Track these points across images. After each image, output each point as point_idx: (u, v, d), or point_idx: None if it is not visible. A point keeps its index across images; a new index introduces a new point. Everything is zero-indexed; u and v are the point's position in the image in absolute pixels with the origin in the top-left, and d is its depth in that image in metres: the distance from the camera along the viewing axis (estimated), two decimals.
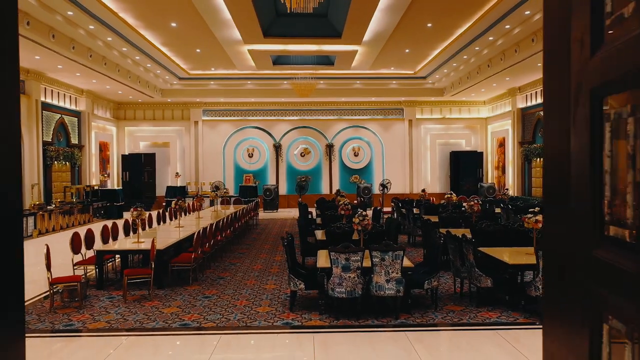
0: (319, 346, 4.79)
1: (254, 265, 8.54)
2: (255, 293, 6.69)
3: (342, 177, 19.30)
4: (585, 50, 0.97)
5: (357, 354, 4.56)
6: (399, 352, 4.60)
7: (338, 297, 5.52)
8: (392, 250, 5.51)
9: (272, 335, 5.12)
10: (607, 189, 0.92)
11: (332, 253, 5.50)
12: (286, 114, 19.16)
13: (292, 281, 5.88)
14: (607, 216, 0.93)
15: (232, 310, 5.91)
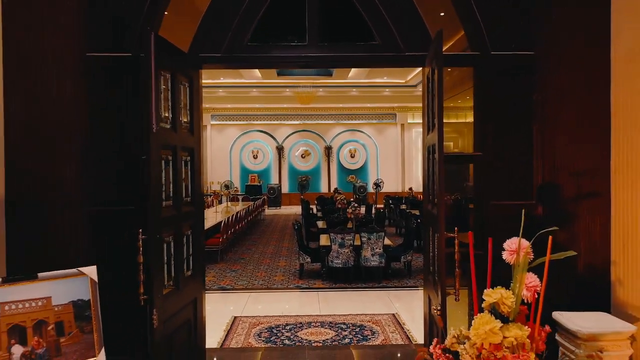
0: (321, 300, 6.79)
1: (267, 250, 10.56)
2: (270, 268, 8.71)
3: (340, 176, 21.27)
4: None
5: (350, 306, 6.53)
6: (381, 305, 6.58)
7: (336, 267, 7.53)
8: (376, 232, 7.53)
9: (287, 293, 7.13)
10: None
11: (331, 234, 7.52)
12: (288, 118, 21.11)
13: (300, 256, 7.90)
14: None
15: (255, 278, 7.92)
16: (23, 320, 1.92)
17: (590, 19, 3.38)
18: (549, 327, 2.23)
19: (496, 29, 3.48)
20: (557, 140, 3.44)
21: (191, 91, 3.20)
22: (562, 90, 3.42)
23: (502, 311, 2.14)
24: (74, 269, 2.10)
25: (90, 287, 2.10)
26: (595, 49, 3.37)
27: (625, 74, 3.25)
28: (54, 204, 3.29)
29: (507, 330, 2.08)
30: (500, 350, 2.04)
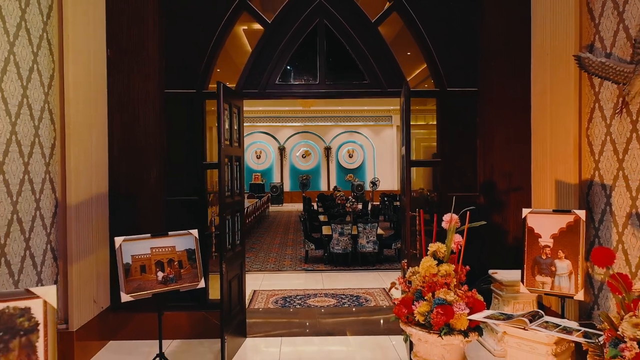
0: (324, 279, 8.31)
1: (274, 241, 12.09)
2: (279, 255, 10.24)
3: (339, 175, 22.81)
4: None
5: (348, 282, 8.07)
6: (374, 282, 8.10)
7: (336, 253, 9.05)
8: (371, 222, 9.07)
9: (295, 274, 8.65)
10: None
11: (332, 225, 9.05)
12: (289, 120, 22.64)
13: (306, 244, 9.44)
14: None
15: (266, 263, 9.45)
16: (162, 258, 3.44)
17: (517, 66, 4.91)
18: (469, 267, 3.76)
19: (451, 72, 5.02)
20: (494, 150, 4.98)
21: (239, 117, 4.72)
22: (496, 115, 4.97)
23: (439, 256, 3.68)
24: (185, 230, 3.62)
25: (195, 241, 3.62)
26: (520, 86, 4.90)
27: (539, 103, 4.79)
28: (141, 196, 4.82)
29: (441, 266, 3.62)
30: (436, 277, 3.57)
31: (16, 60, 3.58)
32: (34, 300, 1.55)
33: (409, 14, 4.93)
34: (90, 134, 4.44)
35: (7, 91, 3.46)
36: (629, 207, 3.77)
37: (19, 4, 3.61)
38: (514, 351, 3.22)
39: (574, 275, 3.45)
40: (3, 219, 3.41)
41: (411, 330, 3.56)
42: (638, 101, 3.65)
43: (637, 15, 3.66)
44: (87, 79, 4.39)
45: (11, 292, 1.55)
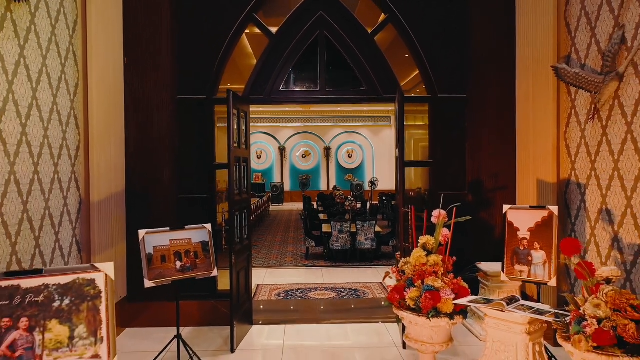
0: (325, 274, 8.73)
1: (275, 239, 12.51)
2: (281, 252, 10.66)
3: (338, 175, 23.23)
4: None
5: (347, 277, 8.49)
6: (371, 277, 8.52)
7: (336, 250, 9.47)
8: (369, 220, 9.50)
9: (296, 269, 9.07)
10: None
11: (332, 223, 9.47)
12: (290, 121, 23.05)
13: (306, 241, 9.86)
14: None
15: (269, 259, 9.86)
16: (179, 249, 3.86)
17: (503, 74, 5.34)
18: (455, 258, 4.18)
19: (442, 80, 5.45)
20: (481, 152, 5.41)
21: (246, 121, 5.14)
22: (484, 119, 5.39)
23: (428, 248, 4.10)
24: (200, 224, 4.04)
25: (209, 234, 4.04)
26: (506, 93, 5.32)
27: (523, 109, 5.22)
28: (155, 194, 5.24)
29: (430, 257, 4.05)
30: (425, 266, 3.99)
31: (48, 71, 4.00)
32: (97, 273, 1.98)
33: (403, 26, 5.36)
34: (110, 137, 4.86)
35: (40, 99, 3.89)
36: (599, 203, 4.20)
37: (50, 21, 4.03)
38: (493, 331, 3.64)
39: (547, 264, 3.88)
40: (37, 214, 3.83)
41: (403, 314, 3.99)
42: (607, 108, 4.08)
43: (607, 31, 4.09)
44: (107, 86, 4.81)
45: (80, 267, 1.97)
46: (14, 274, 1.87)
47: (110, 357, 1.94)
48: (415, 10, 5.42)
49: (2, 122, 3.41)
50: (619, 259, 3.96)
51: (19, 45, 3.61)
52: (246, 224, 5.10)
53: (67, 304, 1.91)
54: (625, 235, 3.89)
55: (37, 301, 1.86)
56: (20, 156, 3.62)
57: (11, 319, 1.82)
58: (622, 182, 3.90)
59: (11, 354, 1.80)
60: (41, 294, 1.88)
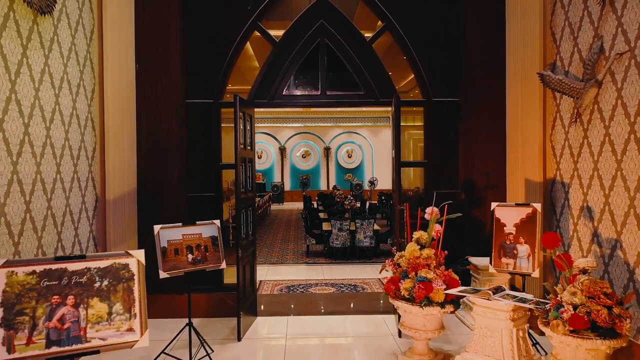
0: (325, 271, 9.06)
1: (276, 237, 12.84)
2: (282, 250, 10.99)
3: (338, 175, 23.56)
4: None
5: (347, 274, 8.82)
6: (370, 273, 8.83)
7: (336, 247, 9.81)
8: (367, 219, 9.83)
9: (297, 266, 9.40)
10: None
11: (332, 221, 9.80)
12: (290, 121, 23.38)
13: (307, 239, 10.19)
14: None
15: (270, 257, 10.19)
16: (191, 243, 4.19)
17: (494, 79, 5.66)
18: (447, 252, 4.51)
19: (436, 84, 5.78)
20: (473, 153, 5.74)
21: (251, 124, 5.47)
22: (476, 122, 5.72)
23: (421, 242, 4.43)
24: (210, 220, 4.37)
25: (217, 230, 4.37)
26: (497, 97, 5.64)
27: (512, 112, 5.54)
28: (165, 193, 5.57)
29: (423, 251, 4.38)
30: (418, 259, 4.32)
31: (68, 78, 4.33)
32: (131, 259, 2.31)
33: (399, 33, 5.69)
34: (123, 139, 5.18)
35: (62, 104, 4.22)
36: (581, 201, 4.53)
37: (70, 31, 4.36)
38: (480, 318, 3.97)
39: (531, 257, 4.21)
40: (59, 211, 4.16)
41: (398, 304, 4.32)
42: (588, 113, 4.41)
43: (587, 41, 4.42)
44: (121, 91, 5.13)
45: (116, 253, 2.30)
46: (62, 259, 2.20)
47: (142, 330, 2.27)
48: (411, 19, 5.75)
49: (30, 126, 3.74)
50: (598, 253, 4.29)
51: (44, 55, 3.94)
52: (251, 220, 5.43)
53: (106, 285, 2.23)
54: (603, 231, 4.22)
55: (81, 282, 2.18)
56: (45, 157, 3.95)
57: (60, 296, 2.14)
58: (601, 181, 4.23)
59: (60, 325, 2.13)
60: (84, 275, 2.20)
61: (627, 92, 3.91)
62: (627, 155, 3.90)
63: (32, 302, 2.08)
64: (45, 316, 2.11)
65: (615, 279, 4.07)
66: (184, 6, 5.61)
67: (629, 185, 3.88)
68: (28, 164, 3.71)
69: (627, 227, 3.92)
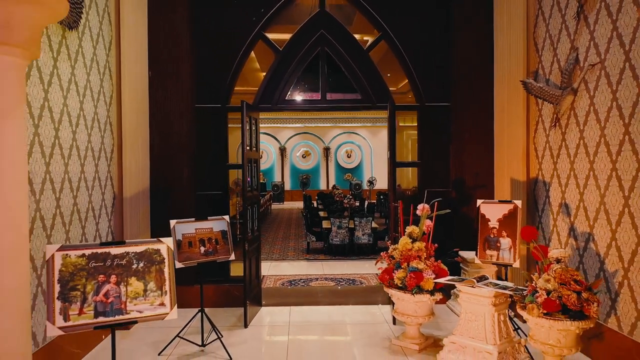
0: (324, 267, 9.50)
1: (278, 235, 13.28)
2: (283, 247, 11.43)
3: (337, 175, 24.01)
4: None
5: (345, 269, 9.26)
6: (368, 269, 9.28)
7: (335, 244, 10.25)
8: (365, 217, 10.27)
9: (298, 262, 9.84)
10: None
11: (331, 219, 10.24)
12: (290, 122, 23.81)
13: (307, 236, 10.63)
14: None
15: (272, 254, 10.63)
16: (203, 236, 4.63)
17: (483, 85, 6.10)
18: (437, 245, 4.95)
19: (429, 90, 6.22)
20: (464, 154, 6.18)
21: (256, 126, 5.91)
22: (466, 125, 6.16)
23: (413, 236, 4.87)
24: (220, 216, 4.81)
25: (227, 224, 4.81)
26: (485, 101, 6.08)
27: (499, 116, 5.98)
28: (176, 191, 6.00)
29: (415, 244, 4.82)
30: (410, 251, 4.76)
31: (90, 86, 4.77)
32: (162, 245, 2.74)
33: (394, 42, 6.13)
34: (138, 141, 5.61)
35: (85, 110, 4.65)
36: (560, 199, 4.97)
37: (92, 43, 4.80)
38: (465, 304, 4.41)
39: (512, 249, 4.65)
40: (83, 207, 4.60)
41: (391, 292, 4.77)
42: (565, 118, 4.86)
43: (565, 52, 4.86)
44: (136, 97, 5.56)
45: (149, 240, 2.73)
46: (105, 244, 2.63)
47: (171, 305, 2.70)
48: (405, 29, 6.19)
49: (60, 130, 4.17)
50: (574, 245, 4.73)
51: (71, 66, 4.38)
52: (256, 216, 5.87)
53: (142, 266, 2.66)
54: (578, 225, 4.66)
55: (121, 264, 2.61)
56: (71, 158, 4.38)
57: (105, 275, 2.57)
58: (576, 180, 4.68)
59: (105, 299, 2.55)
60: (124, 258, 2.62)
61: (598, 100, 4.35)
62: (598, 157, 4.34)
63: (82, 280, 2.51)
64: (93, 291, 2.54)
65: (589, 268, 4.51)
66: (194, 17, 6.05)
67: (600, 184, 4.32)
68: (58, 165, 4.15)
69: (598, 222, 4.37)
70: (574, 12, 4.67)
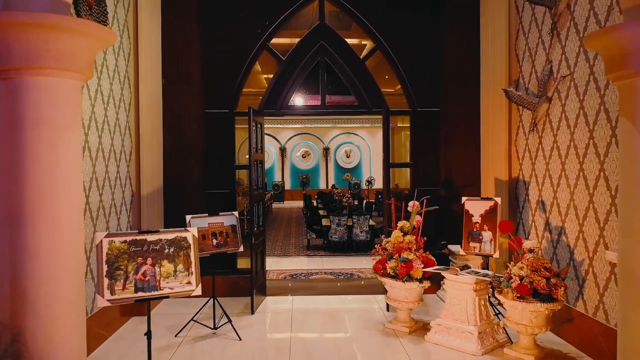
0: (324, 262, 10.06)
1: (279, 233, 13.84)
2: (284, 244, 11.99)
3: (337, 174, 24.57)
4: None
5: (344, 264, 9.81)
6: (366, 264, 9.81)
7: (334, 241, 10.81)
8: (363, 215, 10.84)
9: (298, 258, 10.40)
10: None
11: (331, 217, 10.81)
12: (290, 122, 24.34)
13: (308, 233, 11.20)
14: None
15: (274, 250, 11.19)
16: (215, 230, 5.18)
17: (470, 92, 6.65)
18: (427, 238, 5.51)
19: (420, 96, 6.78)
20: (452, 155, 6.74)
21: (261, 129, 6.46)
22: (455, 129, 6.72)
23: (404, 230, 5.44)
24: (230, 212, 5.37)
25: (236, 219, 5.37)
26: (472, 107, 6.63)
27: (485, 121, 6.54)
28: (187, 189, 6.56)
29: (405, 237, 5.38)
30: (402, 244, 5.32)
31: (113, 94, 5.32)
32: (188, 233, 3.29)
33: (388, 53, 6.69)
34: (153, 143, 6.17)
35: (109, 116, 5.21)
36: (537, 196, 5.53)
37: (114, 55, 5.36)
38: (450, 290, 4.97)
39: (493, 241, 5.21)
40: (107, 203, 5.16)
41: (384, 280, 5.33)
42: (542, 123, 5.42)
43: (541, 63, 5.42)
44: (151, 103, 6.12)
45: (178, 230, 3.28)
46: (143, 232, 3.18)
47: (196, 283, 3.25)
48: (398, 40, 6.75)
49: (89, 135, 4.73)
50: (549, 238, 5.30)
51: (97, 77, 4.93)
52: (261, 213, 6.43)
53: (172, 251, 3.21)
54: (552, 220, 5.22)
55: (155, 248, 3.15)
56: (98, 160, 4.94)
57: (143, 258, 3.11)
58: (551, 179, 5.24)
59: (143, 278, 3.10)
60: (158, 244, 3.17)
61: (568, 108, 4.91)
62: (569, 159, 4.91)
63: (125, 262, 3.05)
64: (134, 271, 3.08)
65: (561, 259, 5.07)
66: (203, 30, 6.60)
67: (570, 183, 4.89)
68: (87, 166, 4.70)
69: (568, 217, 4.93)
70: (549, 28, 5.23)
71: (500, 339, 4.91)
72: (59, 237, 2.74)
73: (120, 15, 5.48)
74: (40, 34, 2.56)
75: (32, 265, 2.69)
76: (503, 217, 5.76)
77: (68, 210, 2.78)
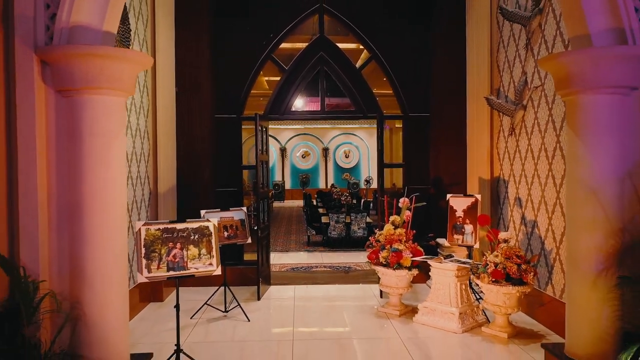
0: (323, 257, 10.73)
1: (280, 230, 14.52)
2: (285, 240, 12.67)
3: (336, 174, 25.24)
4: None
5: (342, 259, 10.49)
6: (363, 258, 10.46)
7: (333, 237, 11.49)
8: (361, 212, 11.52)
9: (299, 253, 11.07)
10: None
11: (330, 214, 11.49)
12: (290, 123, 25.00)
13: (308, 230, 11.88)
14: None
15: (275, 246, 11.86)
16: (226, 223, 5.86)
17: (457, 98, 7.33)
18: (415, 231, 6.18)
19: (412, 102, 7.47)
20: (441, 156, 7.42)
21: (266, 133, 7.14)
22: (444, 132, 7.40)
23: (395, 223, 6.12)
24: (240, 207, 6.05)
25: (245, 214, 6.05)
26: (459, 112, 7.31)
27: (470, 124, 7.22)
28: (198, 188, 7.24)
29: (396, 230, 6.06)
30: (393, 236, 6.00)
31: (134, 102, 6.00)
32: (210, 223, 3.96)
33: (382, 62, 7.38)
34: (168, 145, 6.84)
35: (133, 122, 5.89)
36: (515, 194, 6.21)
37: None
38: (435, 276, 5.65)
39: (474, 233, 5.89)
40: (130, 200, 5.83)
41: (377, 268, 6.01)
42: (519, 128, 6.10)
43: (518, 74, 6.10)
44: (166, 108, 6.79)
45: (201, 220, 3.96)
46: (173, 222, 3.85)
47: (217, 265, 3.92)
48: (391, 51, 7.44)
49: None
50: (524, 231, 5.98)
51: None
52: (266, 209, 7.11)
53: (197, 238, 3.88)
54: (527, 215, 5.90)
55: (183, 235, 3.82)
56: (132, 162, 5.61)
57: (173, 243, 3.78)
58: (526, 179, 5.92)
59: (174, 259, 3.77)
60: (185, 232, 3.84)
61: (540, 115, 5.59)
62: (540, 160, 5.59)
63: (158, 246, 3.72)
64: (166, 254, 3.76)
65: (535, 249, 5.75)
66: (213, 42, 7.28)
67: (541, 182, 5.57)
68: None
69: (540, 212, 5.61)
70: (524, 44, 5.91)
71: (480, 319, 5.59)
72: (109, 226, 3.43)
73: (140, 31, 6.15)
74: (97, 62, 3.24)
75: (88, 248, 3.37)
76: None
77: (116, 204, 3.46)
